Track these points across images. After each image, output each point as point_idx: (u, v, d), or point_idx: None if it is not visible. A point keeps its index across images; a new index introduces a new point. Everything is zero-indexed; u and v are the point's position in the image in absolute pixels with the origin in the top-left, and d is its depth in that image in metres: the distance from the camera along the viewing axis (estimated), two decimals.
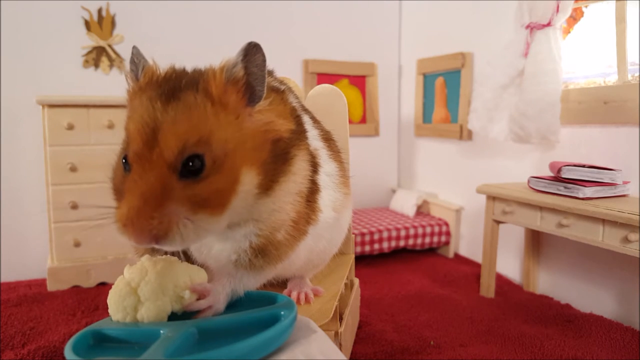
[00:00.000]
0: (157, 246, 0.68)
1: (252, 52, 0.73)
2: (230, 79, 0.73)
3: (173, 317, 0.75)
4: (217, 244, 0.83)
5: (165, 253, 0.80)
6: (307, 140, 0.90)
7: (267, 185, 0.76)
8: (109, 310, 0.72)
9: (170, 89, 0.71)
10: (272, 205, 0.78)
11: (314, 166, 0.90)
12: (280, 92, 0.90)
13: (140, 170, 0.67)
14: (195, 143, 0.68)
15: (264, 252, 0.80)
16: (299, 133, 0.86)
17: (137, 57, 0.79)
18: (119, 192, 0.71)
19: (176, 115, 0.68)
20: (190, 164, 0.67)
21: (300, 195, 0.83)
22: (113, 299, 0.71)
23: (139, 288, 0.70)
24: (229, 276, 0.79)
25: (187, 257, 0.89)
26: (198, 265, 0.81)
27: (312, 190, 0.88)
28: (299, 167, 0.82)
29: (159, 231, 0.65)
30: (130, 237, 0.65)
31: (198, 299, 0.73)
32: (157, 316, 0.69)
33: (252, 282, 0.81)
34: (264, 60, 0.74)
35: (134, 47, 0.79)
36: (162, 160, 0.67)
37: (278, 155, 0.77)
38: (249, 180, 0.73)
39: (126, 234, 0.65)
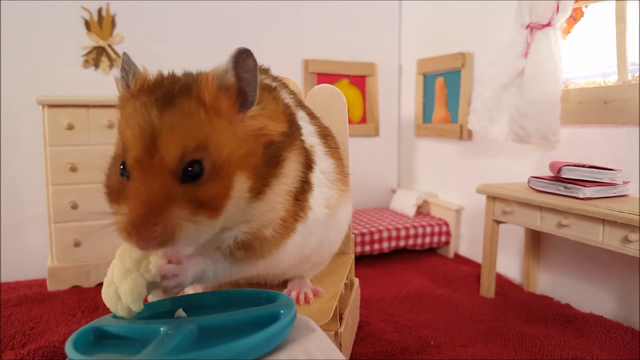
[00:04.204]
0: (161, 249, 0.70)
1: (243, 58, 0.73)
2: (222, 86, 0.74)
3: (171, 314, 0.76)
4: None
5: None
6: (300, 139, 0.90)
7: (259, 189, 0.77)
8: (108, 307, 0.74)
9: (164, 95, 0.72)
10: (264, 207, 0.79)
11: (308, 164, 0.90)
12: (272, 90, 0.90)
13: (141, 177, 0.68)
14: (195, 149, 0.69)
15: (248, 246, 0.81)
16: (292, 133, 0.86)
17: (127, 64, 0.79)
18: (114, 196, 0.72)
19: (173, 121, 0.69)
20: (190, 169, 0.68)
21: (289, 194, 0.84)
22: (103, 297, 0.74)
23: (113, 276, 0.73)
24: (203, 256, 0.79)
25: None
26: None
27: (304, 189, 0.88)
28: (290, 168, 0.83)
29: (163, 237, 0.66)
30: (136, 244, 0.67)
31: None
32: (133, 290, 0.70)
33: (226, 270, 0.81)
34: (255, 65, 0.75)
35: (124, 54, 0.80)
36: (164, 167, 0.68)
37: (270, 159, 0.78)
38: (241, 185, 0.74)
39: (131, 241, 0.67)
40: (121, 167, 0.72)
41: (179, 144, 0.68)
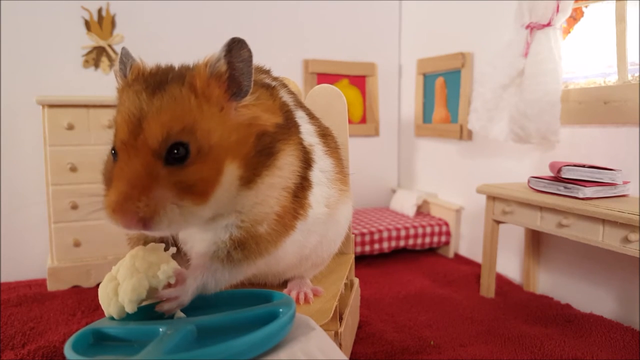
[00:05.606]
0: (145, 231, 0.69)
1: (237, 48, 0.75)
2: (213, 74, 0.75)
3: (170, 316, 0.75)
4: (199, 236, 0.83)
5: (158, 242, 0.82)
6: (298, 135, 0.90)
7: (250, 178, 0.77)
8: (100, 303, 0.74)
9: (157, 82, 0.74)
10: (254, 199, 0.79)
11: (307, 162, 0.90)
12: (270, 88, 0.91)
13: (126, 157, 0.70)
14: (180, 131, 0.70)
15: (243, 245, 0.80)
16: (288, 128, 0.86)
17: (125, 57, 0.81)
18: (108, 181, 0.73)
19: (161, 105, 0.71)
20: (175, 151, 0.69)
21: (287, 190, 0.83)
22: (100, 291, 0.73)
23: (118, 273, 0.73)
24: (202, 269, 0.79)
25: (177, 248, 0.89)
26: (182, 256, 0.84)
27: (303, 186, 0.88)
28: (285, 161, 0.83)
29: (146, 214, 0.67)
30: (119, 222, 0.67)
31: (169, 285, 0.73)
32: (134, 290, 0.70)
33: (225, 277, 0.80)
34: (250, 56, 0.76)
35: (123, 48, 0.82)
36: (146, 147, 0.69)
37: (262, 150, 0.78)
38: (231, 172, 0.74)
39: (115, 219, 0.67)
40: (112, 151, 0.74)
41: (163, 125, 0.69)
